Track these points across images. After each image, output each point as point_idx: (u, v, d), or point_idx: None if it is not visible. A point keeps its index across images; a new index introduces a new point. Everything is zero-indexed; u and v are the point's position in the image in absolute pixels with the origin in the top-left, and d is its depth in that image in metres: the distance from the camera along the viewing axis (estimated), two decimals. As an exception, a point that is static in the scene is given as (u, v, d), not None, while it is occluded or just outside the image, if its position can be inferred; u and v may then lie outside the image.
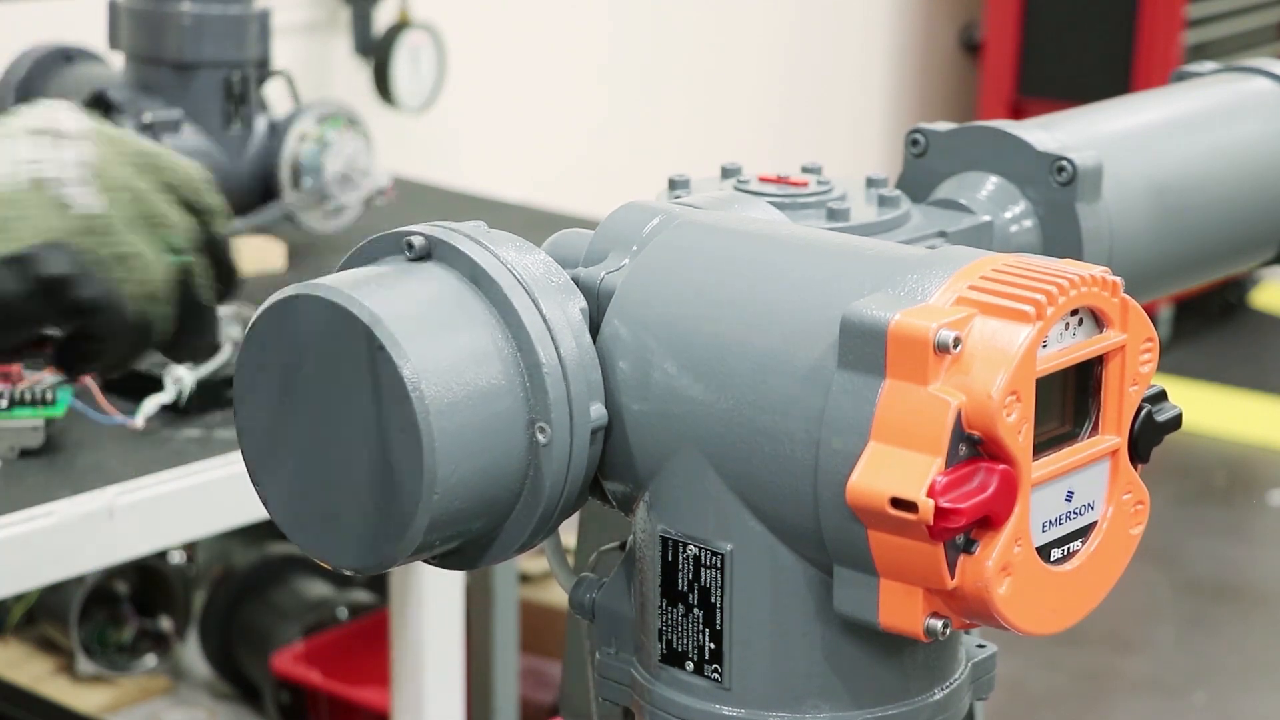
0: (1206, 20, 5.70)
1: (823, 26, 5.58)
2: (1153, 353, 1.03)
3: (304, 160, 2.80)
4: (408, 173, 3.55)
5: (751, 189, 1.28)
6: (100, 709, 3.33)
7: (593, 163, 4.86)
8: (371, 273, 1.07)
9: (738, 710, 1.07)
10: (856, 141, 5.78)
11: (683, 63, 5.13)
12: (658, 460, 1.06)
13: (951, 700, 1.10)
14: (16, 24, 3.42)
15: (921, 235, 1.29)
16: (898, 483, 0.95)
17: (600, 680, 1.14)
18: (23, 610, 3.45)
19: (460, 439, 1.02)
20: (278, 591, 3.49)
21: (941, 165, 1.38)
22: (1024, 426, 0.96)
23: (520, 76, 4.65)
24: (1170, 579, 4.42)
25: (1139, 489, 1.05)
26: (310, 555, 1.09)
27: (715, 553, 1.06)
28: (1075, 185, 1.33)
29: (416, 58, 4.11)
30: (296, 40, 4.03)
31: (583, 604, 1.15)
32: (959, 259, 1.01)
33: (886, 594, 0.99)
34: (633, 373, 1.07)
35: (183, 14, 2.74)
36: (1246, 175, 1.49)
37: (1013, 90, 5.78)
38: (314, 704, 3.29)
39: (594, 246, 1.12)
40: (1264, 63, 1.56)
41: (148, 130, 2.68)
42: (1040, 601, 1.00)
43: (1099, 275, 1.00)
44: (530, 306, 1.05)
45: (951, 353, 0.95)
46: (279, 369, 1.06)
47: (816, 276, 1.04)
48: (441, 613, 2.69)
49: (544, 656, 3.31)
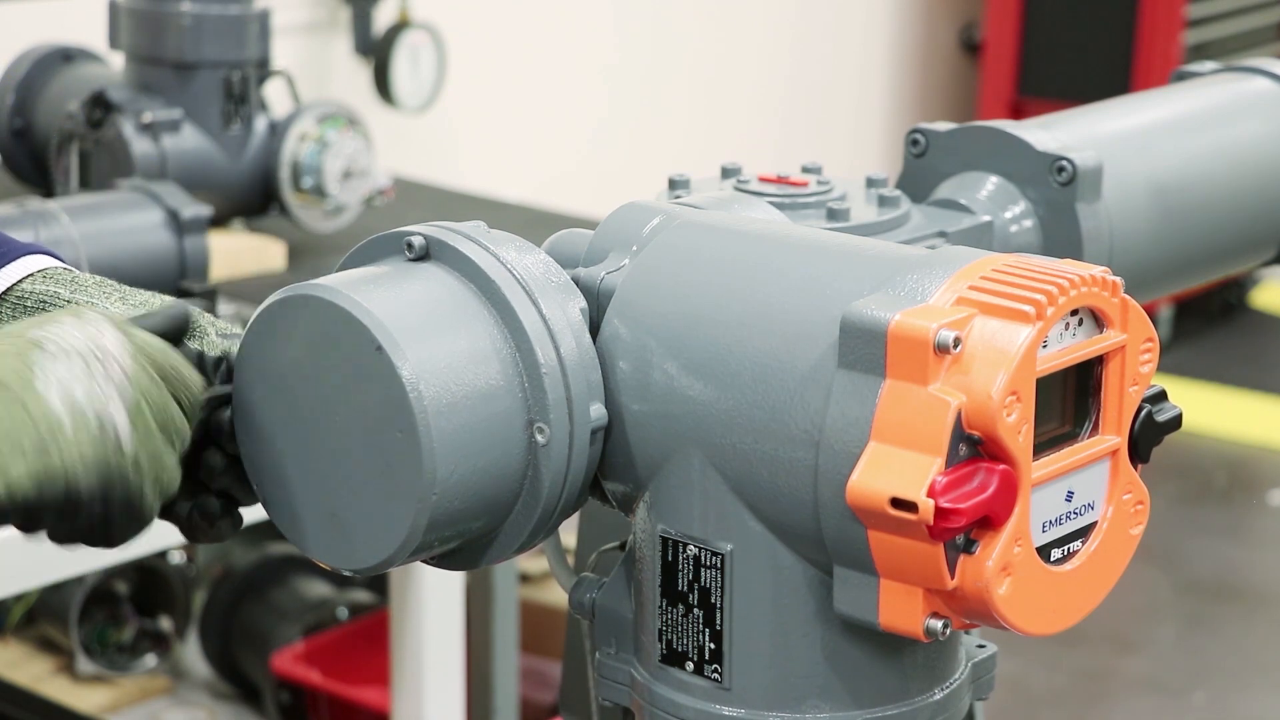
0: (1206, 20, 5.70)
1: (823, 27, 5.58)
2: (1153, 353, 1.03)
3: (304, 160, 2.80)
4: (408, 173, 3.55)
5: (751, 189, 1.28)
6: (100, 709, 3.33)
7: (593, 163, 4.86)
8: (371, 273, 1.07)
9: (738, 710, 1.07)
10: (856, 141, 5.78)
11: (683, 63, 5.13)
12: (658, 460, 1.06)
13: (951, 700, 1.10)
14: (16, 24, 3.42)
15: (921, 235, 1.29)
16: (898, 483, 0.95)
17: (600, 680, 1.14)
18: (23, 610, 3.45)
19: (459, 439, 1.02)
20: (278, 591, 3.49)
21: (941, 165, 1.38)
22: (1024, 426, 0.96)
23: (520, 76, 4.65)
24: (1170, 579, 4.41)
25: (1139, 489, 1.05)
26: (310, 556, 1.09)
27: (715, 553, 1.06)
28: (1075, 185, 1.33)
29: (416, 58, 4.11)
30: (296, 40, 4.03)
31: (583, 604, 1.15)
32: (959, 259, 1.01)
33: (886, 594, 0.99)
34: (633, 373, 1.07)
35: (183, 14, 2.74)
36: (1246, 175, 1.49)
37: (1013, 90, 5.78)
38: (314, 704, 3.29)
39: (594, 246, 1.12)
40: (1264, 63, 1.56)
41: (147, 130, 2.68)
42: (1040, 601, 1.00)
43: (1099, 275, 1.00)
44: (530, 307, 1.05)
45: (951, 353, 0.95)
46: (278, 369, 1.06)
47: (816, 276, 1.04)
48: (441, 613, 2.69)
49: (544, 656, 3.31)
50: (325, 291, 1.04)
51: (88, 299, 1.16)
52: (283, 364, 1.06)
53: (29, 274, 1.18)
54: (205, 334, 1.15)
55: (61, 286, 1.17)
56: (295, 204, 2.81)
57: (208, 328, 1.16)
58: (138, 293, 1.18)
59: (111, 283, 1.18)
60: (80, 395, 1.00)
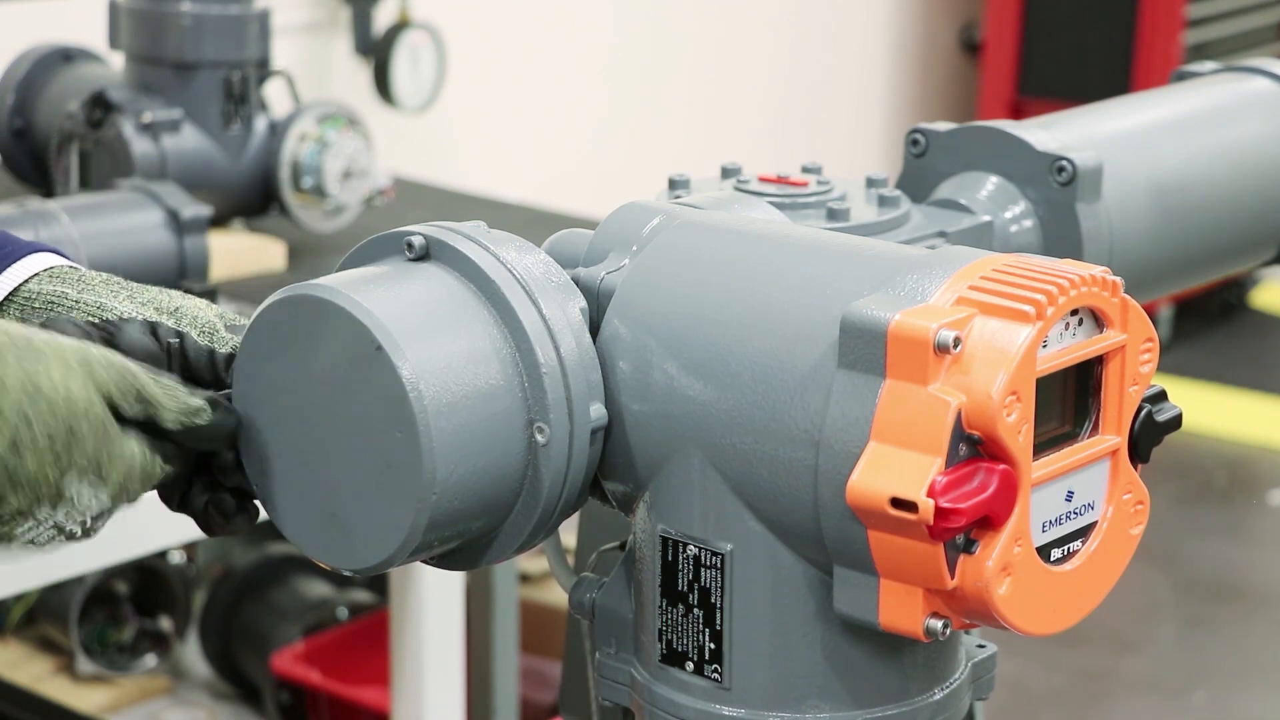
0: (1206, 20, 5.70)
1: (823, 26, 5.58)
2: (1153, 353, 1.03)
3: (304, 160, 2.80)
4: (408, 173, 3.55)
5: (751, 189, 1.28)
6: (100, 709, 3.33)
7: (593, 163, 4.86)
8: (370, 273, 1.07)
9: (738, 710, 1.07)
10: (856, 141, 5.78)
11: (683, 63, 5.13)
12: (658, 460, 1.06)
13: (951, 700, 1.10)
14: (16, 24, 3.42)
15: (921, 235, 1.29)
16: (898, 483, 0.95)
17: (600, 680, 1.14)
18: (23, 610, 3.45)
19: (459, 439, 1.02)
20: (278, 591, 3.49)
21: (941, 165, 1.38)
22: (1024, 426, 0.96)
23: (520, 76, 4.65)
24: (1170, 579, 4.41)
25: (1139, 489, 1.05)
26: (310, 556, 1.09)
27: (715, 553, 1.06)
28: (1075, 185, 1.33)
29: (416, 58, 4.11)
30: (296, 40, 4.03)
31: (583, 604, 1.15)
32: (959, 259, 1.01)
33: (886, 594, 0.99)
34: (633, 373, 1.07)
35: (183, 14, 2.74)
36: (1246, 175, 1.49)
37: (1013, 90, 5.78)
38: (314, 704, 3.29)
39: (594, 246, 1.12)
40: (1264, 63, 1.56)
41: (148, 130, 2.69)
42: (1040, 601, 1.00)
43: (1099, 275, 1.00)
44: (530, 307, 1.05)
45: (951, 353, 0.95)
46: (278, 369, 1.06)
47: (816, 276, 1.04)
48: (441, 613, 2.69)
49: (544, 656, 3.31)
50: (325, 291, 1.04)
51: (95, 298, 1.16)
52: (282, 364, 1.06)
53: (35, 274, 1.18)
54: (215, 330, 1.16)
55: (69, 286, 1.17)
56: (295, 204, 2.81)
57: (216, 322, 1.16)
58: (146, 289, 1.18)
59: (119, 280, 1.18)
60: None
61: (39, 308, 1.17)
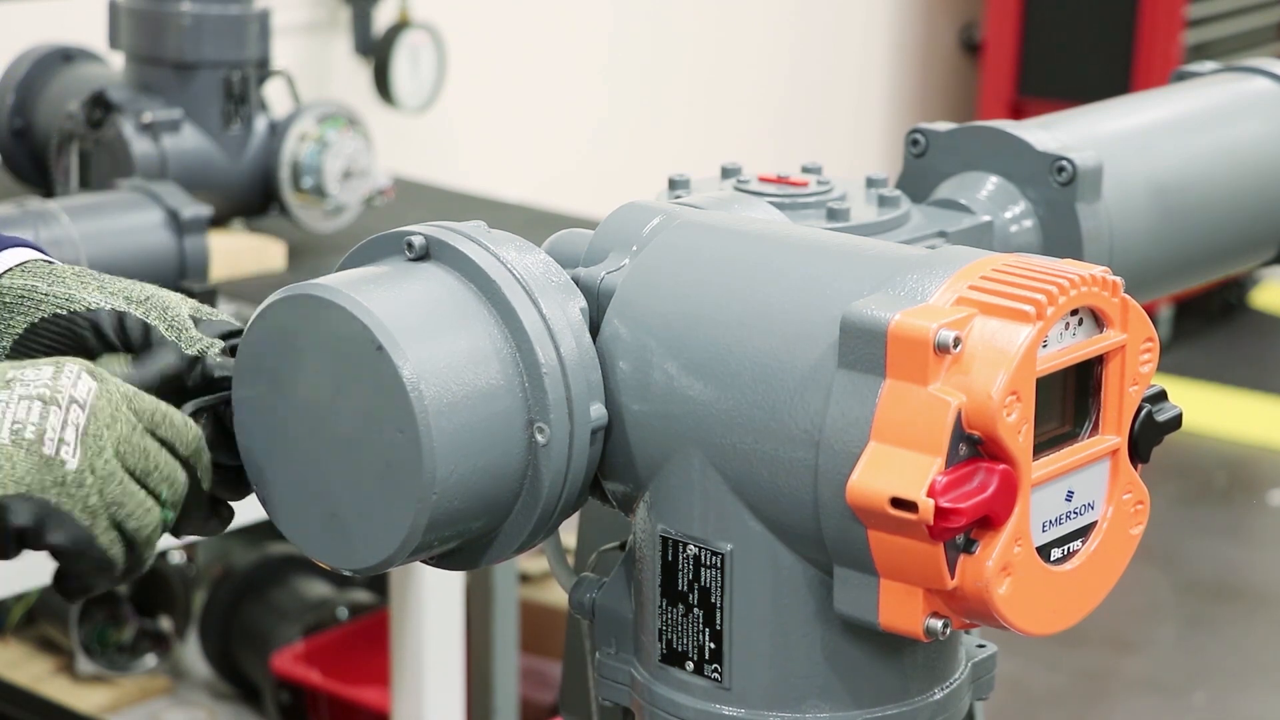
0: (1206, 20, 5.69)
1: (823, 26, 5.58)
2: (1153, 353, 1.03)
3: (304, 160, 2.80)
4: (408, 173, 3.55)
5: (751, 189, 1.28)
6: (100, 709, 3.33)
7: (593, 163, 4.86)
8: (371, 273, 1.07)
9: (738, 710, 1.07)
10: (856, 141, 5.78)
11: (683, 63, 5.13)
12: (658, 460, 1.06)
13: (951, 700, 1.10)
14: (16, 24, 3.42)
15: (921, 235, 1.29)
16: (898, 483, 0.95)
17: (600, 680, 1.14)
18: (23, 610, 3.45)
19: (459, 439, 1.02)
20: (278, 591, 3.49)
21: (941, 165, 1.38)
22: (1024, 426, 0.96)
23: (520, 76, 4.65)
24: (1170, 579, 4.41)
25: (1139, 489, 1.05)
26: (310, 556, 1.09)
27: (715, 553, 1.06)
28: (1075, 185, 1.33)
29: (416, 58, 4.10)
30: (296, 40, 4.02)
31: (583, 604, 1.15)
32: (959, 259, 1.01)
33: (886, 594, 0.99)
34: (633, 373, 1.07)
35: (183, 14, 2.73)
36: (1246, 175, 1.49)
37: (1013, 90, 5.78)
38: (314, 704, 3.28)
39: (594, 246, 1.12)
40: (1264, 63, 1.56)
41: (148, 130, 2.69)
42: (1040, 601, 1.00)
43: (1099, 275, 1.00)
44: (530, 306, 1.05)
45: (951, 353, 0.95)
46: (278, 369, 1.06)
47: (816, 276, 1.04)
48: (441, 613, 2.69)
49: (544, 656, 3.31)
50: (325, 291, 1.04)
51: (65, 290, 1.16)
52: (282, 364, 1.06)
53: (8, 269, 1.19)
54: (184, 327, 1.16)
55: (39, 280, 1.17)
56: (295, 204, 2.81)
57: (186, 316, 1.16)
58: (116, 280, 1.18)
59: (91, 272, 1.19)
60: (30, 434, 1.01)
61: (9, 302, 1.17)
